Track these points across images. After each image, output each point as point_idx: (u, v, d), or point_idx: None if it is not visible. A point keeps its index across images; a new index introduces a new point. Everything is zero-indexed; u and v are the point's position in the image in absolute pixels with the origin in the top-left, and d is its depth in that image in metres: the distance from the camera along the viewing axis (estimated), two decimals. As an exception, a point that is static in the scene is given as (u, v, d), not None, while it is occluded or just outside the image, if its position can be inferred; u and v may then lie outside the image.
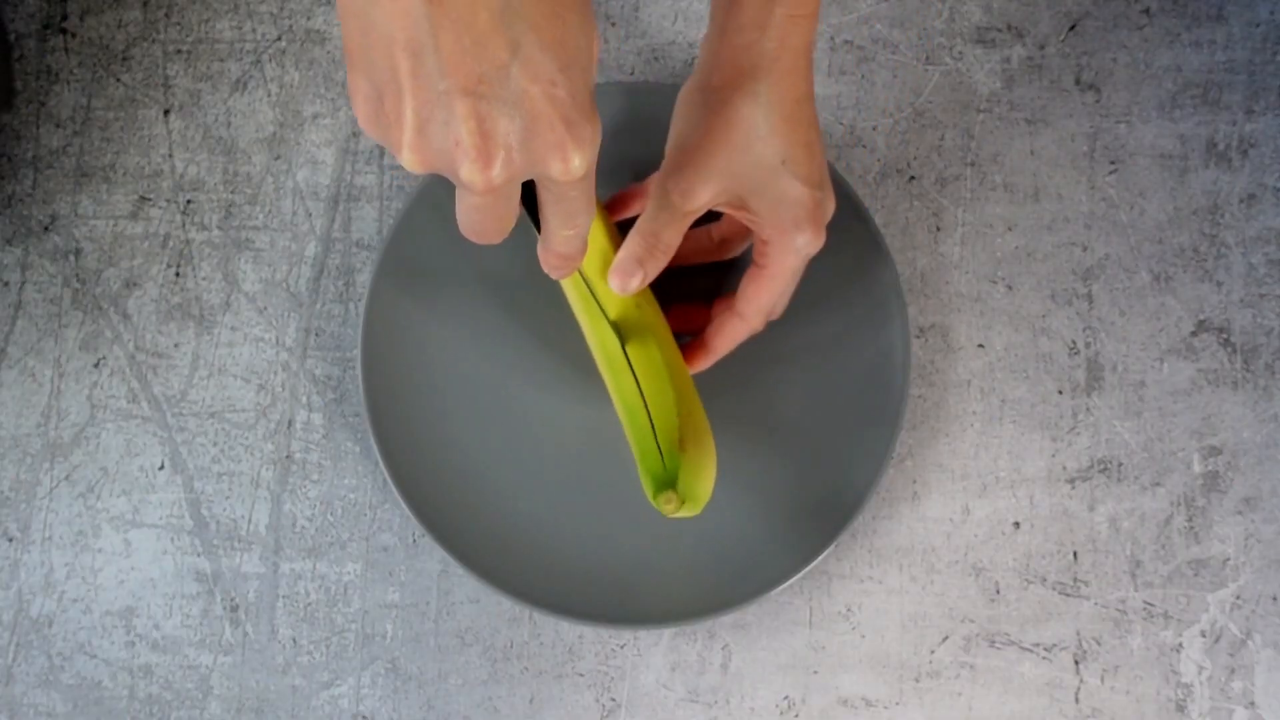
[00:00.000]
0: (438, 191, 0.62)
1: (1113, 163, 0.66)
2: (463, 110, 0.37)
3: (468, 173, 0.38)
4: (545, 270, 0.48)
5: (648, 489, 0.54)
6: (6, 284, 0.65)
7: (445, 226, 0.63)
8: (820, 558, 0.59)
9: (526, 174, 0.40)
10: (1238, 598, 0.62)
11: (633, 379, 0.55)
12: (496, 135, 0.37)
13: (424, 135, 0.38)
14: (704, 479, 0.54)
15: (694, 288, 0.62)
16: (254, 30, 0.67)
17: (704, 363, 0.59)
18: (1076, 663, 0.62)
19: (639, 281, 0.55)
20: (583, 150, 0.39)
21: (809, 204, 0.53)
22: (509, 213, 0.42)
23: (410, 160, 0.39)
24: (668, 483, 0.53)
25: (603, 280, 0.56)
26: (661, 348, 0.56)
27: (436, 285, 0.62)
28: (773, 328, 0.59)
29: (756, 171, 0.53)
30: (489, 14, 0.36)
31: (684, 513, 0.53)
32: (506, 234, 0.44)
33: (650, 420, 0.54)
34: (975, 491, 0.63)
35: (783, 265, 0.55)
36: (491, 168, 0.38)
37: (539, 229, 0.46)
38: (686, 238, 0.60)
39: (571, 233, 0.45)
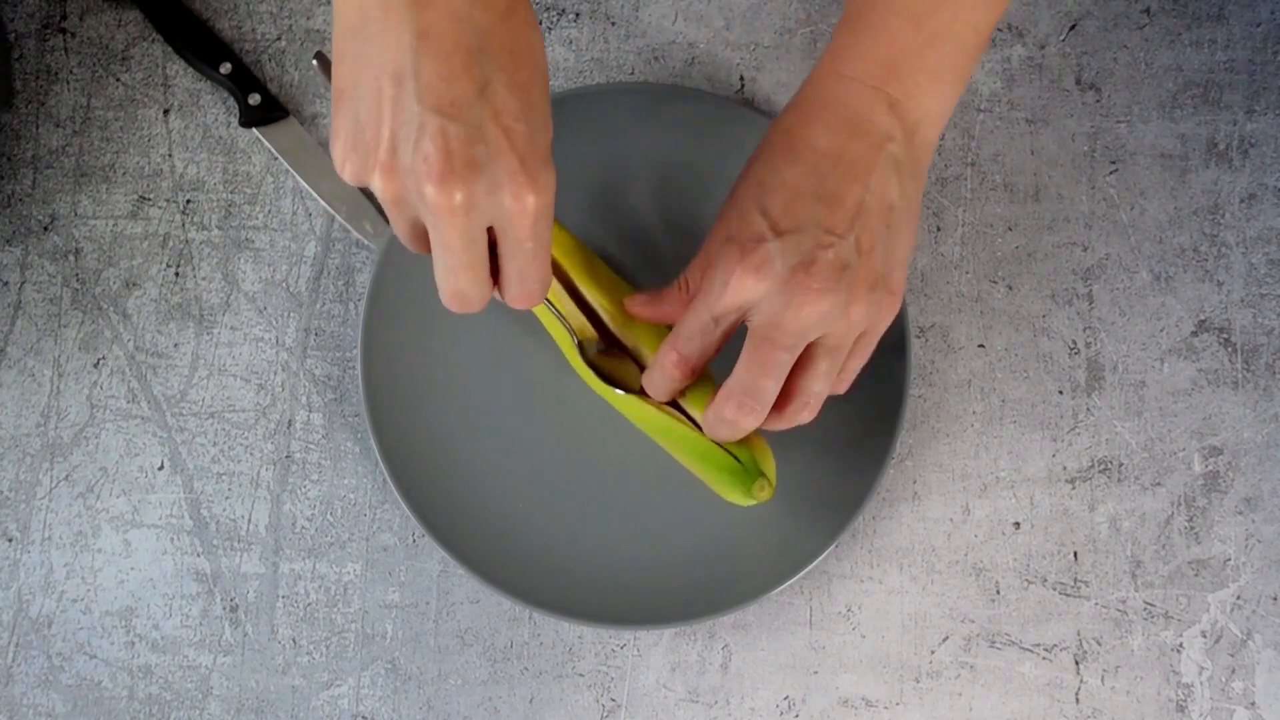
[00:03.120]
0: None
1: (1113, 162, 0.66)
2: (433, 127, 0.41)
3: (431, 191, 0.42)
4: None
5: (732, 489, 0.55)
6: (6, 284, 0.65)
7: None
8: (820, 558, 0.59)
9: (485, 204, 0.43)
10: (1238, 598, 0.62)
11: (687, 424, 0.56)
12: (459, 154, 0.41)
13: (396, 155, 0.42)
14: (771, 460, 0.56)
15: None
16: (254, 30, 0.67)
17: (646, 383, 0.55)
18: (1077, 663, 0.62)
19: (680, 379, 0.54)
20: (537, 190, 0.43)
21: (741, 228, 0.49)
22: (480, 268, 0.45)
23: (383, 184, 0.43)
24: (756, 472, 0.55)
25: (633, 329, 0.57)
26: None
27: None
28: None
29: (737, 186, 0.51)
30: (465, 54, 0.41)
31: (765, 497, 0.55)
32: (486, 299, 0.47)
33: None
34: (975, 491, 0.63)
35: (703, 286, 0.50)
36: (452, 184, 0.41)
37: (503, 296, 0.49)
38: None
39: (519, 290, 0.48)
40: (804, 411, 0.52)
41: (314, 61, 0.57)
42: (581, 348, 0.57)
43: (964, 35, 0.48)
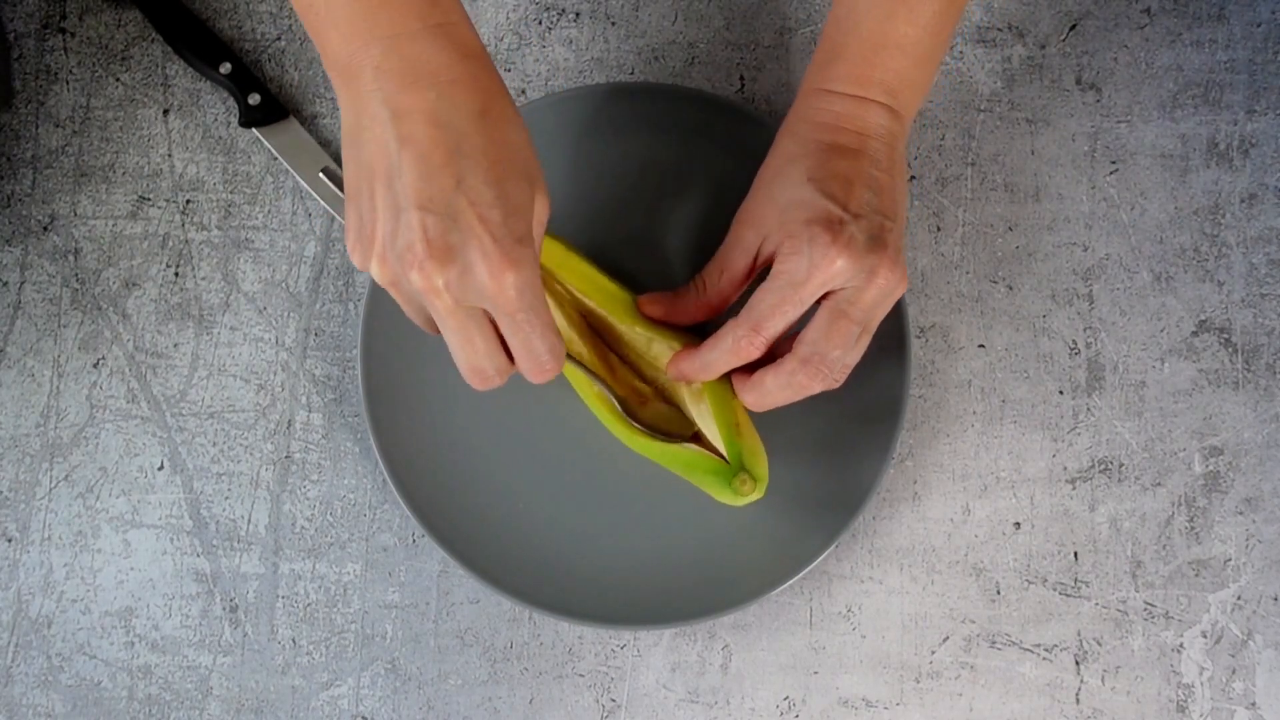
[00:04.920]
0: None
1: (1113, 162, 0.66)
2: (414, 220, 0.46)
3: (415, 276, 0.47)
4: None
5: (723, 490, 0.56)
6: (5, 284, 0.65)
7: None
8: (821, 558, 0.59)
9: (464, 284, 0.47)
10: (1239, 598, 0.62)
11: (673, 444, 0.58)
12: (436, 242, 0.46)
13: (388, 247, 0.47)
14: (763, 459, 0.57)
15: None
16: (254, 30, 0.67)
17: (689, 363, 0.57)
18: (1077, 663, 0.62)
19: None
20: (513, 266, 0.47)
21: (821, 211, 0.52)
22: (486, 342, 0.50)
23: (379, 271, 0.48)
24: (739, 468, 0.56)
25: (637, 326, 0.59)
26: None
27: (436, 285, 0.62)
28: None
29: (776, 188, 0.54)
30: (443, 152, 0.47)
31: (755, 495, 0.56)
32: (504, 373, 0.51)
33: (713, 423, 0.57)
34: (976, 492, 0.63)
35: (785, 267, 0.52)
36: (431, 268, 0.46)
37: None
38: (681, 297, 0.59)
39: (531, 364, 0.51)
40: (840, 383, 0.56)
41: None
42: (624, 406, 0.58)
43: (937, 52, 0.55)
